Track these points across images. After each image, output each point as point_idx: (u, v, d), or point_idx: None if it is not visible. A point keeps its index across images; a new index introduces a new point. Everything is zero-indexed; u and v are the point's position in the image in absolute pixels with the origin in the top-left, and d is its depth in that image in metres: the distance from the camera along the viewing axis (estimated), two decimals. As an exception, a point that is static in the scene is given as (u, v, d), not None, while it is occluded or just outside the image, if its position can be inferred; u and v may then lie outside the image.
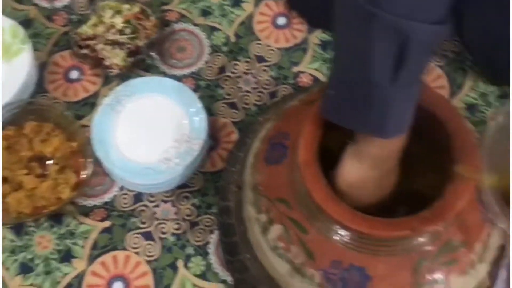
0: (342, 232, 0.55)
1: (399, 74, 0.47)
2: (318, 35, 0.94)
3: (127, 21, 0.88)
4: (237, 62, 0.92)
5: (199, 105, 0.81)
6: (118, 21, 0.88)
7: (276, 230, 0.60)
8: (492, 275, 0.65)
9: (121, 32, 0.88)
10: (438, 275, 0.56)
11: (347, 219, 0.52)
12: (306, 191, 0.54)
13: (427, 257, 0.55)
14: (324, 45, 0.93)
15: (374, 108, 0.50)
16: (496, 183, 0.55)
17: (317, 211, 0.54)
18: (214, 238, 0.77)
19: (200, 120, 0.80)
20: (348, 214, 0.52)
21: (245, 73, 0.91)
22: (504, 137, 0.56)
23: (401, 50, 0.46)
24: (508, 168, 0.56)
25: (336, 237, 0.56)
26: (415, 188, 0.63)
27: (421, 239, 0.54)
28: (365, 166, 0.56)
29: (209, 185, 0.81)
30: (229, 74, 0.91)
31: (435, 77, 0.92)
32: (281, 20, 0.95)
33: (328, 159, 0.57)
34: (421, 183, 0.63)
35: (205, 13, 0.96)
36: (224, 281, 0.74)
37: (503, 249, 0.60)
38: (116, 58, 0.86)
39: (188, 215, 0.80)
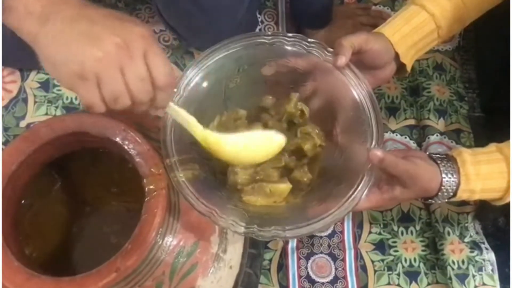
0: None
1: None
2: (34, 78, 0.87)
3: None
4: (-43, 144, 0.82)
5: None
6: None
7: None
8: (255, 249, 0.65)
9: None
10: (185, 288, 0.54)
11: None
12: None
13: (163, 279, 0.52)
14: (44, 85, 0.86)
15: None
16: (195, 173, 0.54)
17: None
18: None
19: None
20: None
21: (-30, 152, 0.81)
22: (181, 128, 0.54)
23: None
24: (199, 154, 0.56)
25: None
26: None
27: (147, 267, 0.52)
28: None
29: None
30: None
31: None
32: (-13, 79, 0.86)
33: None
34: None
35: None
36: None
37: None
38: None
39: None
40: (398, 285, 0.75)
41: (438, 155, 0.59)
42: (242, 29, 0.73)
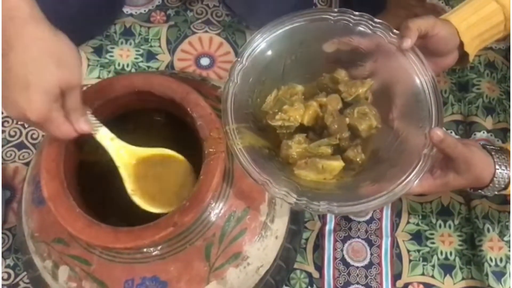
0: (119, 252, 0.52)
1: None
2: (90, 43, 0.89)
3: None
4: (12, 99, 0.84)
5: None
6: None
7: (63, 272, 0.55)
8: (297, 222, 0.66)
9: None
10: (232, 252, 0.55)
11: (111, 241, 0.49)
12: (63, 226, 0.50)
13: (213, 240, 0.54)
14: (98, 50, 0.88)
15: None
16: (251, 142, 0.54)
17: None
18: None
19: (-22, 177, 0.73)
20: (109, 236, 0.49)
21: (24, 107, 0.84)
22: (240, 97, 0.55)
23: None
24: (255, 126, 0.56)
25: (118, 258, 0.53)
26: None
27: (199, 226, 0.53)
28: None
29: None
30: (6, 114, 0.83)
31: (218, 45, 0.90)
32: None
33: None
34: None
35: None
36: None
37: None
38: None
39: (5, 279, 0.73)
40: (432, 276, 0.75)
41: (492, 147, 0.59)
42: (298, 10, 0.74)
